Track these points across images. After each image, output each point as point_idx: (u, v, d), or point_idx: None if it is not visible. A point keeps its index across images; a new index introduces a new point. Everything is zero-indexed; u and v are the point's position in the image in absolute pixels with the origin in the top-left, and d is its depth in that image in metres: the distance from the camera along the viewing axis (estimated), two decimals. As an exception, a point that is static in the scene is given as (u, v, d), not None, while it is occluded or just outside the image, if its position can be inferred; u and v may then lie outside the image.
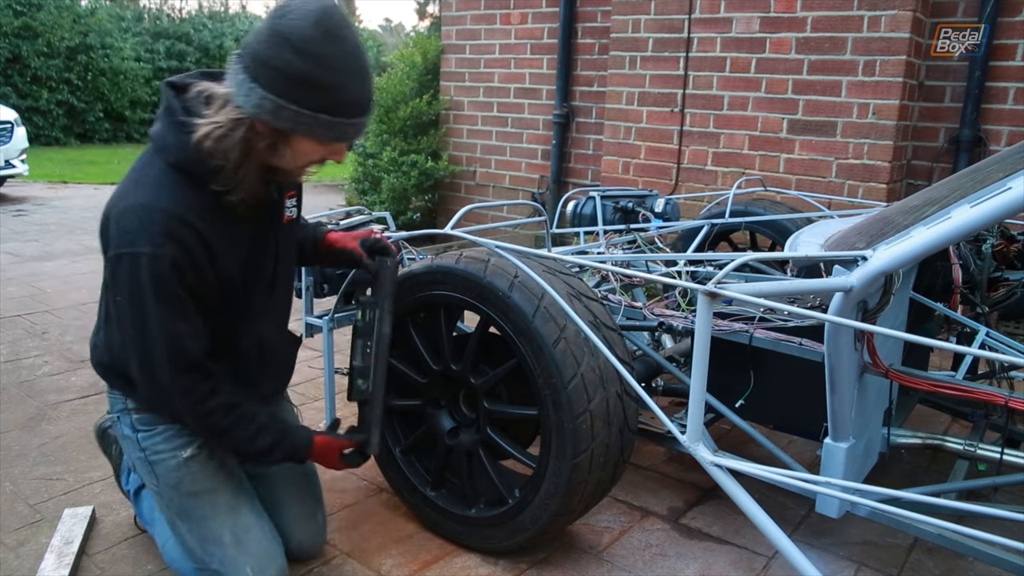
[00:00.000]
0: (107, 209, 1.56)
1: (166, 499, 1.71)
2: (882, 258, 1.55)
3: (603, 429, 1.75)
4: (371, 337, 1.80)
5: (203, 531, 1.68)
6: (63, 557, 1.86)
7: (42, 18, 12.60)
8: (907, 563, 2.01)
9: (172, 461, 1.70)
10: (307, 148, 1.52)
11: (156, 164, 1.53)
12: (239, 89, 1.43)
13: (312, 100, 1.42)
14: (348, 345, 1.86)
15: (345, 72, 1.43)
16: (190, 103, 1.52)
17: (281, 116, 1.43)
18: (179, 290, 1.50)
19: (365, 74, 1.48)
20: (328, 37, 1.40)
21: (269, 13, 1.45)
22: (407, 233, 2.19)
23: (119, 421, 1.76)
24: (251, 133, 1.47)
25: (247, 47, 1.43)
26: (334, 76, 1.42)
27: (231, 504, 1.72)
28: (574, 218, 3.14)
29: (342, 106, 1.45)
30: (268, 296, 1.76)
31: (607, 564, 1.97)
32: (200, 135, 1.45)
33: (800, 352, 1.89)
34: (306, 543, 1.88)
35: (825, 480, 1.61)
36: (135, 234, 1.47)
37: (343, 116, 1.46)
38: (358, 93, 1.47)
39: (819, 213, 3.20)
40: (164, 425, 1.70)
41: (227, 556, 1.67)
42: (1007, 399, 1.72)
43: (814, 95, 4.11)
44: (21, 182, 8.60)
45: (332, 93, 1.43)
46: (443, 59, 6.03)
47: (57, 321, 3.81)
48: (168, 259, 1.47)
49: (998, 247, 2.44)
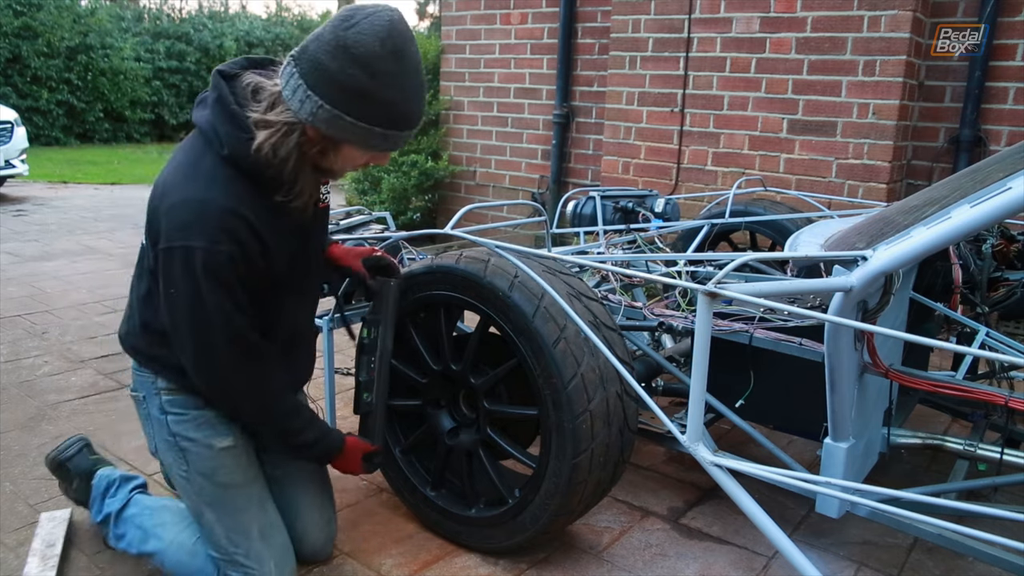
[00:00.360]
0: (155, 200, 1.54)
1: (195, 486, 1.70)
2: (882, 258, 1.55)
3: (603, 429, 1.75)
4: (375, 353, 1.87)
5: (233, 522, 1.69)
6: (47, 560, 1.86)
7: (42, 18, 12.58)
8: (907, 563, 2.01)
9: (207, 450, 1.69)
10: (355, 154, 1.54)
11: (208, 156, 1.52)
12: (294, 94, 1.43)
13: (370, 114, 1.43)
14: (348, 345, 1.86)
15: (407, 88, 1.45)
16: (239, 93, 1.51)
17: (335, 126, 1.44)
18: (233, 281, 1.51)
19: (422, 90, 1.51)
20: (394, 55, 1.40)
21: (334, 20, 1.42)
22: (407, 233, 2.19)
23: (146, 402, 1.73)
24: (303, 138, 1.48)
25: (307, 53, 1.42)
26: (396, 93, 1.43)
27: (260, 499, 1.74)
28: (574, 218, 3.14)
29: (397, 120, 1.47)
30: (305, 284, 1.76)
31: (607, 564, 1.97)
32: (258, 144, 1.45)
33: (800, 352, 1.89)
34: (319, 548, 1.89)
35: (825, 480, 1.61)
36: (190, 229, 1.47)
37: (396, 129, 1.48)
38: (414, 108, 1.49)
39: (819, 213, 3.20)
40: (196, 411, 1.69)
41: (253, 549, 1.68)
42: (1007, 399, 1.72)
43: (814, 95, 4.11)
44: (21, 182, 8.60)
45: (390, 108, 1.45)
46: (443, 59, 6.03)
47: (57, 321, 3.81)
48: (225, 254, 1.48)
49: (998, 247, 2.44)
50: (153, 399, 1.71)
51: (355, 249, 1.95)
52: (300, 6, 31.27)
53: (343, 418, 2.69)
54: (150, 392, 1.71)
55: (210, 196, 1.48)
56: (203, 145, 1.53)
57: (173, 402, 1.69)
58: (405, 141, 1.53)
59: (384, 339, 1.87)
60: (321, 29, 1.43)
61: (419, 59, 1.48)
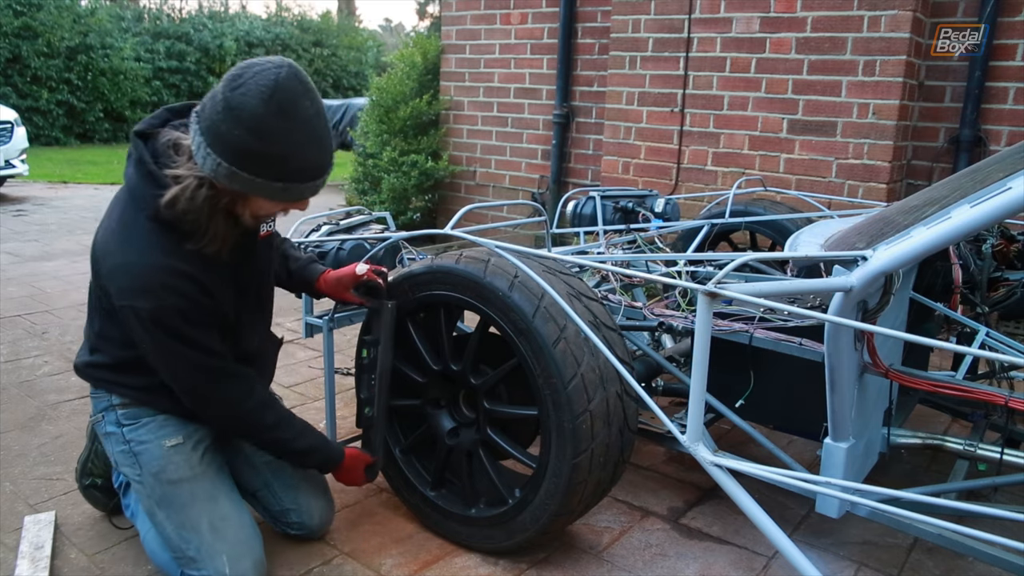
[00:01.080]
0: (96, 261, 1.65)
1: (147, 488, 1.76)
2: (882, 258, 1.55)
3: (603, 429, 1.75)
4: (375, 372, 1.97)
5: (181, 518, 1.73)
6: (37, 562, 1.86)
7: (42, 18, 12.59)
8: (907, 563, 2.01)
9: (157, 449, 1.76)
10: (265, 205, 1.60)
11: (139, 219, 1.60)
12: (197, 151, 1.49)
13: (264, 170, 1.48)
14: (348, 345, 1.86)
15: (297, 144, 1.48)
16: (160, 151, 1.59)
17: (235, 181, 1.49)
18: (184, 327, 1.61)
19: (319, 140, 1.51)
20: (279, 112, 1.43)
21: (225, 78, 1.47)
22: (407, 233, 2.19)
23: (103, 420, 1.82)
24: (212, 191, 1.54)
25: (204, 111, 1.48)
26: (284, 149, 1.47)
27: (210, 493, 1.77)
28: (574, 218, 3.14)
29: (294, 173, 1.51)
30: (256, 312, 1.86)
31: (607, 564, 1.97)
32: (169, 198, 1.52)
33: (800, 352, 1.89)
34: (326, 517, 2.00)
35: (825, 480, 1.61)
36: (134, 292, 1.57)
37: (296, 181, 1.52)
38: (312, 160, 1.52)
39: (819, 213, 3.20)
40: (149, 418, 1.78)
41: (203, 543, 1.71)
42: (1007, 399, 1.72)
43: (814, 95, 4.11)
44: (21, 182, 8.60)
45: (283, 164, 1.48)
46: (443, 59, 6.03)
47: (57, 321, 3.81)
48: (170, 308, 1.58)
49: (998, 247, 2.44)
50: (109, 414, 1.80)
51: (343, 278, 1.99)
52: (300, 6, 31.32)
53: (343, 418, 2.69)
54: (106, 409, 1.81)
55: (145, 259, 1.57)
56: (132, 207, 1.62)
57: (128, 414, 1.79)
58: (312, 191, 1.57)
59: (383, 358, 1.97)
60: (217, 86, 1.48)
61: (315, 110, 1.49)
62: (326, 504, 2.01)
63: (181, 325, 1.60)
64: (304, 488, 1.97)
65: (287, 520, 1.96)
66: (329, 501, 2.02)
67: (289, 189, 1.52)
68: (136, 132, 1.63)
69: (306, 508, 1.95)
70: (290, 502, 1.94)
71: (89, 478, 2.04)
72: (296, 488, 1.96)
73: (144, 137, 1.63)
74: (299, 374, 3.18)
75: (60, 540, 1.99)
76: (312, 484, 1.99)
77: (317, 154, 1.52)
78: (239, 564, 1.72)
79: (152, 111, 8.06)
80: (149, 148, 1.61)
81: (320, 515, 1.98)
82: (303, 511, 1.95)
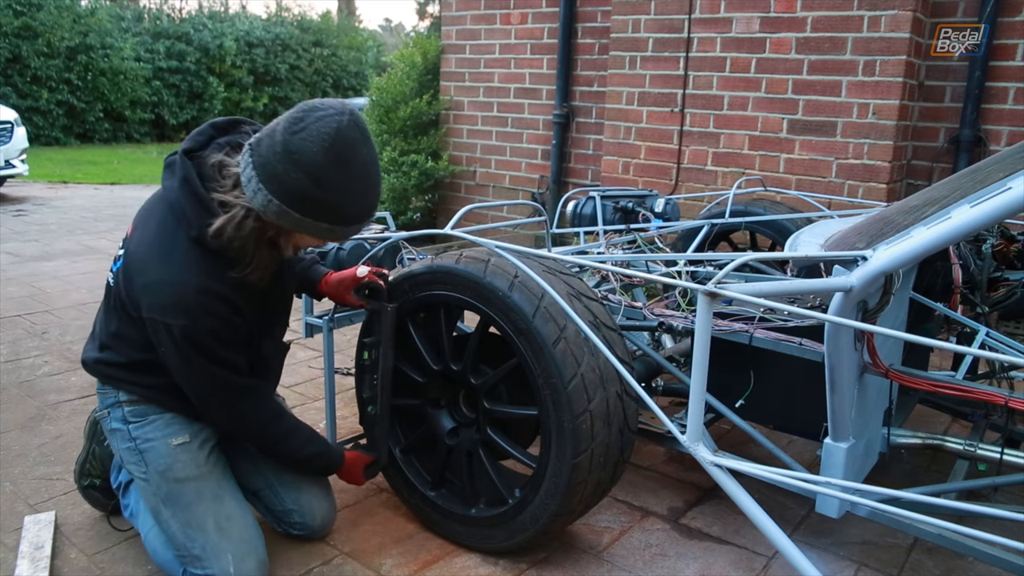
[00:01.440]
0: (131, 272, 1.65)
1: (153, 485, 1.76)
2: (882, 258, 1.55)
3: (603, 429, 1.75)
4: (377, 372, 1.99)
5: (187, 516, 1.74)
6: (37, 562, 1.86)
7: (42, 18, 12.59)
8: (907, 563, 2.01)
9: (163, 447, 1.76)
10: (308, 240, 1.67)
11: (180, 236, 1.61)
12: (248, 184, 1.51)
13: (315, 213, 1.53)
14: (348, 345, 1.87)
15: (351, 193, 1.54)
16: (206, 173, 1.61)
17: (285, 219, 1.53)
18: (214, 346, 1.63)
19: (372, 188, 1.58)
20: (338, 162, 1.48)
21: (287, 118, 1.49)
22: (407, 233, 2.19)
23: (109, 416, 1.82)
24: (259, 223, 1.57)
25: (261, 146, 1.49)
26: (339, 198, 1.52)
27: (216, 492, 1.78)
28: (574, 218, 3.13)
29: (343, 219, 1.57)
30: (276, 325, 1.90)
31: (607, 564, 1.97)
32: (216, 228, 1.55)
33: (800, 352, 1.89)
34: (328, 518, 2.01)
35: (825, 480, 1.61)
36: (169, 309, 1.59)
37: (343, 225, 1.59)
38: (361, 208, 1.58)
39: (819, 213, 3.20)
40: (155, 415, 1.78)
41: (209, 542, 1.72)
42: (1007, 399, 1.72)
43: (814, 95, 4.11)
44: (21, 182, 8.60)
45: (336, 210, 1.54)
46: (443, 59, 6.03)
47: (57, 321, 3.81)
48: (203, 329, 1.61)
49: (998, 247, 2.44)
50: (116, 411, 1.81)
51: (344, 280, 2.02)
52: (300, 6, 31.31)
53: (343, 418, 2.69)
54: (112, 406, 1.81)
55: (184, 278, 1.59)
56: (173, 223, 1.63)
57: (134, 411, 1.79)
58: (356, 232, 1.64)
59: (385, 359, 1.98)
60: (276, 123, 1.51)
61: (371, 157, 1.55)
62: (329, 505, 2.01)
63: (213, 345, 1.63)
64: (307, 488, 1.97)
65: (289, 520, 1.96)
66: (331, 502, 2.02)
67: (335, 231, 1.59)
68: (184, 151, 1.65)
69: (308, 509, 1.95)
70: (292, 502, 1.95)
71: (88, 479, 2.05)
72: (298, 488, 1.96)
73: (191, 157, 1.64)
74: (299, 374, 3.18)
75: (60, 540, 1.99)
76: (315, 485, 1.99)
77: (368, 201, 1.58)
78: (244, 564, 1.73)
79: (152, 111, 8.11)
80: (195, 166, 1.62)
81: (322, 516, 1.98)
82: (305, 511, 1.95)
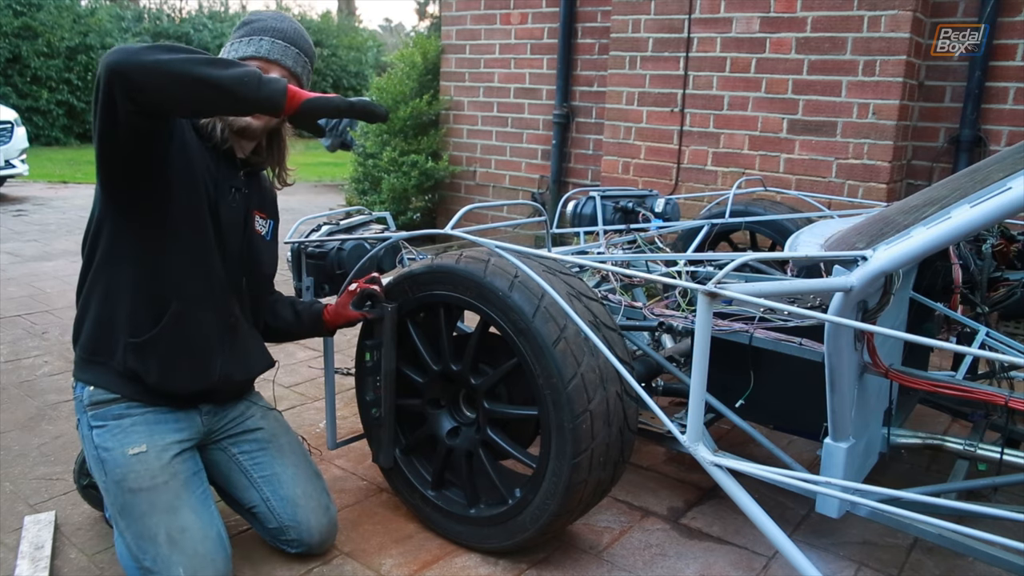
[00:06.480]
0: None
1: (111, 495, 1.74)
2: (882, 258, 1.55)
3: (603, 429, 1.75)
4: (379, 373, 1.99)
5: (139, 527, 1.70)
6: (37, 562, 1.86)
7: (42, 18, 12.59)
8: (907, 563, 2.01)
9: (120, 457, 1.74)
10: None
11: None
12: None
13: (243, 32, 1.82)
14: (348, 345, 1.86)
15: (283, 20, 1.85)
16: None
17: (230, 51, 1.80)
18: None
19: (292, 26, 1.85)
20: (276, 17, 1.84)
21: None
22: (407, 233, 2.19)
23: (79, 423, 1.83)
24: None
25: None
26: (273, 23, 1.82)
27: (171, 504, 1.72)
28: (574, 218, 3.13)
29: (260, 31, 1.81)
30: (237, 272, 1.88)
31: (607, 564, 1.97)
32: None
33: (800, 352, 1.89)
34: (327, 535, 1.94)
35: (825, 480, 1.60)
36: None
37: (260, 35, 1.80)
38: (278, 26, 1.82)
39: (819, 213, 3.20)
40: (113, 421, 1.77)
41: (160, 554, 1.67)
42: (1007, 399, 1.72)
43: (814, 95, 4.11)
44: (21, 182, 8.60)
45: (266, 28, 1.81)
46: (443, 59, 6.03)
47: (57, 321, 3.81)
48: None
49: (998, 247, 2.44)
50: (83, 417, 1.81)
51: (340, 301, 2.05)
52: (300, 6, 31.23)
53: (343, 418, 2.69)
54: (81, 411, 1.82)
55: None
56: None
57: (96, 415, 1.79)
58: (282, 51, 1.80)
59: (387, 360, 1.98)
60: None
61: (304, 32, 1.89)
62: (328, 521, 1.94)
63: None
64: (304, 504, 1.90)
65: (286, 538, 1.90)
66: (331, 517, 1.95)
67: (251, 41, 1.79)
68: None
69: (306, 525, 1.88)
70: (289, 519, 1.88)
71: (87, 478, 2.04)
72: (295, 504, 1.89)
73: None
74: (299, 374, 3.18)
75: (60, 540, 1.99)
76: (313, 499, 1.92)
77: (283, 24, 1.83)
78: None
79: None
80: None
81: (320, 532, 1.91)
82: (302, 528, 1.89)
